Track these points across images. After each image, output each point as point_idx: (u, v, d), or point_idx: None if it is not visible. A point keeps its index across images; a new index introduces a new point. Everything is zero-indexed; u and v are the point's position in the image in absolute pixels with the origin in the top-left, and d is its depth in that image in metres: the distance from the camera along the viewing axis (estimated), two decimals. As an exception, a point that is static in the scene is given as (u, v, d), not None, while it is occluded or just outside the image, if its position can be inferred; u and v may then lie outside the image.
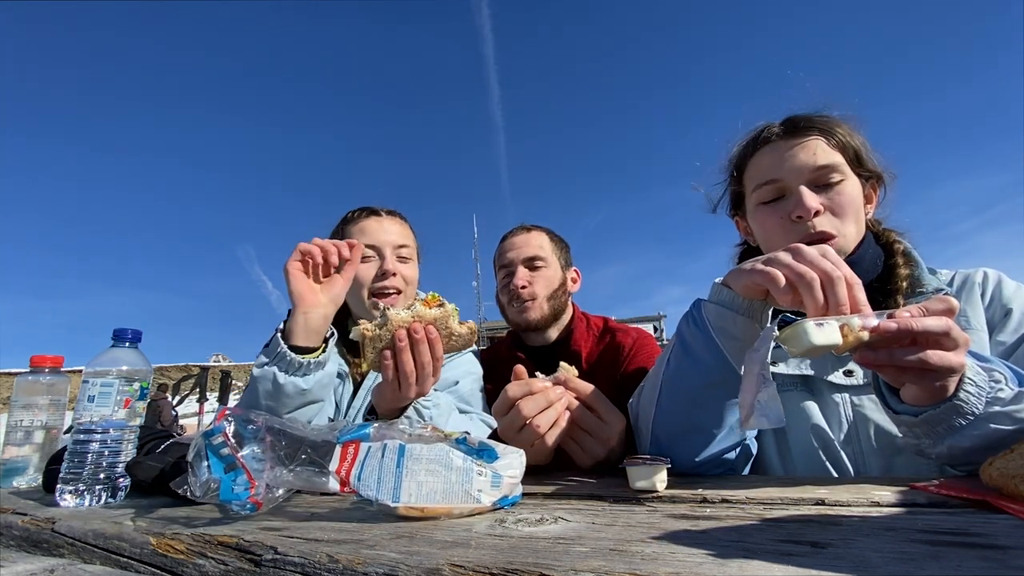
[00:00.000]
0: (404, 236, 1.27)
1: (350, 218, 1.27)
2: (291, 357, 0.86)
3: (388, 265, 1.19)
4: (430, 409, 0.92)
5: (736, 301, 0.70)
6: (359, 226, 1.24)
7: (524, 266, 1.36)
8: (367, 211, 1.28)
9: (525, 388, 0.77)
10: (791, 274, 0.61)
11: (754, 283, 0.64)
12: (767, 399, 0.56)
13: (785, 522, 0.45)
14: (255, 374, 0.88)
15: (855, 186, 0.88)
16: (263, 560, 0.42)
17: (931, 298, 0.58)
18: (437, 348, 0.84)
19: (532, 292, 1.33)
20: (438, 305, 0.86)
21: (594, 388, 0.81)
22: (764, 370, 0.57)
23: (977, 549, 0.36)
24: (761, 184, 0.91)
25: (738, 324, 0.70)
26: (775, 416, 0.55)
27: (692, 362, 0.73)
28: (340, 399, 1.17)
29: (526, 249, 1.37)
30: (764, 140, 0.93)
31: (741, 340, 0.69)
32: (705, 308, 0.73)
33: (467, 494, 0.53)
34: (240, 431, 0.55)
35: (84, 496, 0.67)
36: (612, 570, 0.34)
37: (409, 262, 1.26)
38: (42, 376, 0.89)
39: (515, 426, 0.75)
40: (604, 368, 1.28)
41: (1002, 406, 0.57)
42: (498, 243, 1.47)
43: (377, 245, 1.21)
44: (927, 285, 0.84)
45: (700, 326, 0.72)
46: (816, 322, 0.56)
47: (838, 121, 0.91)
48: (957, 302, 0.57)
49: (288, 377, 0.86)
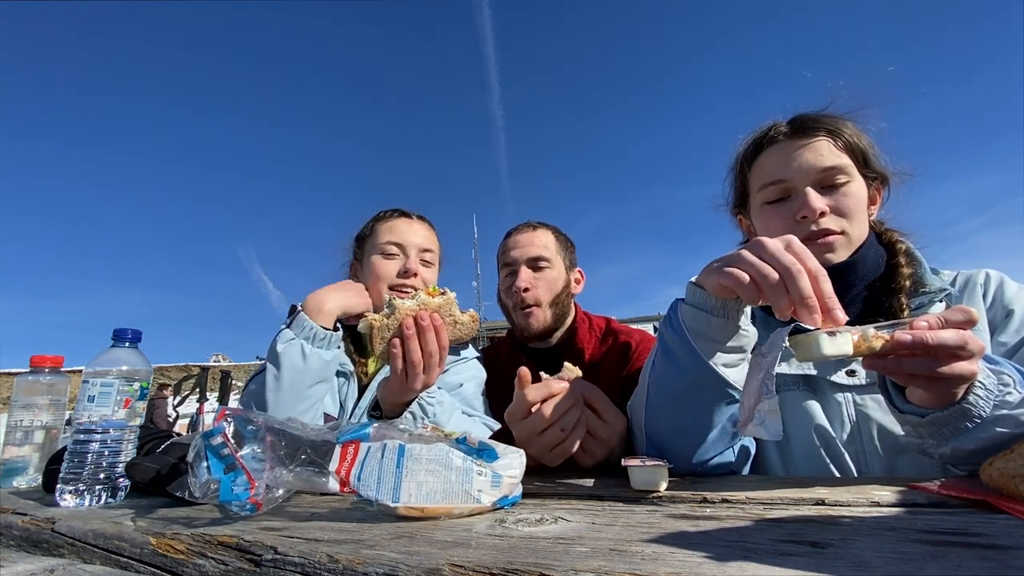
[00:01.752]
0: (430, 241, 1.31)
1: (381, 216, 1.33)
2: (317, 329, 1.01)
3: (411, 264, 1.23)
4: (434, 406, 0.93)
5: (709, 302, 0.68)
6: (389, 224, 1.29)
7: (528, 266, 1.33)
8: (399, 212, 1.34)
9: (544, 391, 0.75)
10: (755, 273, 0.59)
11: (721, 283, 0.63)
12: (767, 411, 0.56)
13: (785, 522, 0.45)
14: (279, 350, 0.98)
15: (861, 187, 0.88)
16: (263, 560, 0.42)
17: (951, 308, 0.57)
18: (443, 336, 0.86)
19: (535, 296, 1.30)
20: (440, 294, 0.88)
21: (597, 389, 0.81)
22: (768, 379, 0.57)
23: (977, 549, 0.36)
24: (767, 184, 0.90)
25: (713, 325, 0.68)
26: (773, 430, 0.55)
27: (673, 364, 0.72)
28: (345, 399, 1.17)
29: (531, 249, 1.35)
30: (771, 140, 0.93)
31: (718, 341, 0.68)
32: (681, 310, 0.71)
33: (467, 494, 0.53)
34: (240, 431, 0.55)
35: (84, 496, 0.67)
36: (612, 570, 0.34)
37: (431, 267, 1.30)
38: (42, 376, 0.89)
39: (537, 429, 0.74)
40: (606, 370, 1.27)
41: (1009, 409, 0.57)
42: (502, 239, 1.43)
43: (403, 243, 1.25)
44: (930, 285, 0.84)
45: (676, 329, 0.71)
46: (828, 332, 0.55)
47: (845, 121, 0.90)
48: (977, 313, 0.56)
49: (314, 348, 0.99)
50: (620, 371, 1.25)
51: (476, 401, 1.20)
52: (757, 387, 0.58)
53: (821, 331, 0.55)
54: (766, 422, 0.56)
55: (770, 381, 0.56)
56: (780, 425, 0.55)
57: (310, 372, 0.99)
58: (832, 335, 0.55)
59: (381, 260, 1.23)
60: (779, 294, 0.57)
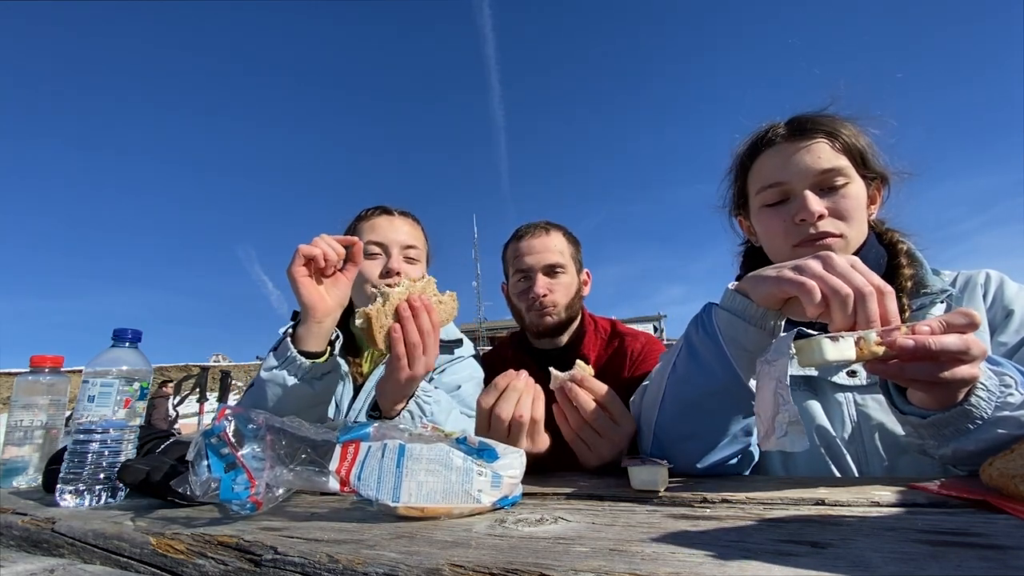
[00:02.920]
0: (414, 237, 1.27)
1: (363, 215, 1.29)
2: (301, 362, 0.89)
3: (392, 264, 1.20)
4: (431, 404, 0.93)
5: (750, 310, 0.66)
6: (370, 223, 1.25)
7: (543, 273, 1.32)
8: (380, 209, 1.29)
9: (493, 392, 0.79)
10: (826, 288, 0.57)
11: (782, 291, 0.60)
12: (788, 422, 0.53)
13: (785, 522, 0.45)
14: (263, 377, 0.90)
15: (860, 188, 0.87)
16: (263, 560, 0.42)
17: (954, 312, 0.56)
18: (434, 314, 0.87)
19: (553, 300, 1.31)
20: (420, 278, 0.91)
21: (609, 389, 0.81)
22: (782, 388, 0.55)
23: (977, 549, 0.36)
24: (766, 187, 0.90)
25: (749, 335, 0.66)
26: (799, 442, 0.52)
27: (698, 368, 0.71)
28: (340, 400, 1.17)
29: (547, 255, 1.33)
30: (768, 142, 0.92)
31: (751, 351, 0.66)
32: (716, 314, 0.69)
33: (467, 494, 0.53)
34: (240, 430, 0.55)
35: (84, 496, 0.67)
36: (612, 570, 0.34)
37: (416, 264, 1.26)
38: (42, 376, 0.89)
39: (503, 430, 0.77)
40: (611, 372, 1.28)
41: (1011, 411, 0.56)
42: (512, 240, 1.40)
43: (385, 243, 1.22)
44: (931, 286, 0.84)
45: (710, 333, 0.69)
46: (831, 337, 0.54)
47: (843, 121, 0.90)
48: (980, 316, 0.55)
49: (298, 381, 0.89)
50: (624, 374, 1.26)
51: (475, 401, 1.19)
52: (771, 397, 0.56)
53: (823, 336, 0.54)
54: (789, 434, 0.53)
55: (784, 391, 0.54)
56: (804, 436, 0.53)
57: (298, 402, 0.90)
58: (834, 340, 0.54)
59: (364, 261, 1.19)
60: (845, 312, 0.56)
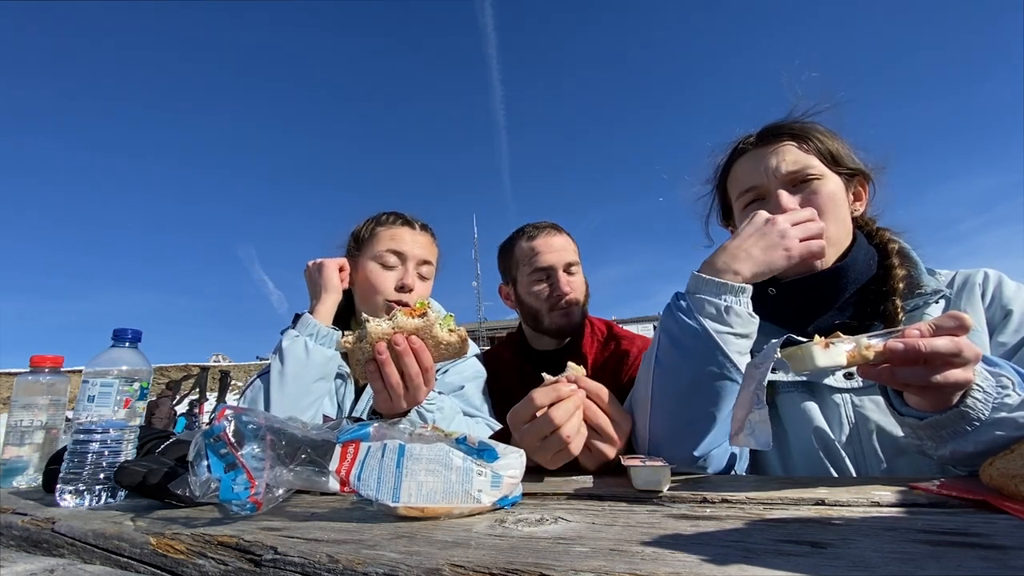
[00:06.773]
0: (430, 252, 1.29)
1: (384, 221, 1.29)
2: (320, 327, 1.08)
3: (408, 279, 1.21)
4: (433, 413, 0.92)
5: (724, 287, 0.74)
6: (391, 232, 1.25)
7: (564, 271, 1.33)
8: (402, 219, 1.30)
9: (553, 395, 0.73)
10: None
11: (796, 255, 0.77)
12: (758, 421, 0.58)
13: (785, 522, 0.45)
14: (284, 346, 1.05)
15: (834, 185, 0.89)
16: (263, 560, 0.42)
17: (943, 315, 0.57)
18: (425, 357, 0.81)
19: (576, 299, 1.33)
20: (421, 315, 0.82)
21: (604, 388, 0.80)
22: (759, 390, 0.58)
23: (977, 549, 0.36)
24: (742, 192, 0.95)
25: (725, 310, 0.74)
26: (763, 440, 0.57)
27: (681, 354, 0.75)
28: (343, 400, 1.17)
29: (565, 254, 1.34)
30: (740, 151, 0.97)
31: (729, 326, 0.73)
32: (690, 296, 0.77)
33: (467, 494, 0.53)
34: (240, 430, 0.55)
35: (84, 496, 0.67)
36: (612, 570, 0.34)
37: (426, 281, 1.28)
38: (42, 376, 0.89)
39: (542, 433, 0.72)
40: (608, 374, 1.28)
41: (1008, 412, 0.56)
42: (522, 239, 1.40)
43: (404, 254, 1.23)
44: (925, 286, 0.84)
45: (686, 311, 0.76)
46: (822, 344, 0.56)
47: (813, 125, 0.94)
48: (971, 319, 0.55)
49: (317, 345, 1.06)
50: (620, 377, 1.26)
51: (478, 400, 1.19)
52: (749, 398, 0.59)
53: (814, 343, 0.56)
54: (756, 432, 0.58)
55: (761, 392, 0.58)
56: (769, 435, 0.57)
57: (313, 367, 1.04)
58: (826, 346, 0.56)
59: (379, 270, 1.20)
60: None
